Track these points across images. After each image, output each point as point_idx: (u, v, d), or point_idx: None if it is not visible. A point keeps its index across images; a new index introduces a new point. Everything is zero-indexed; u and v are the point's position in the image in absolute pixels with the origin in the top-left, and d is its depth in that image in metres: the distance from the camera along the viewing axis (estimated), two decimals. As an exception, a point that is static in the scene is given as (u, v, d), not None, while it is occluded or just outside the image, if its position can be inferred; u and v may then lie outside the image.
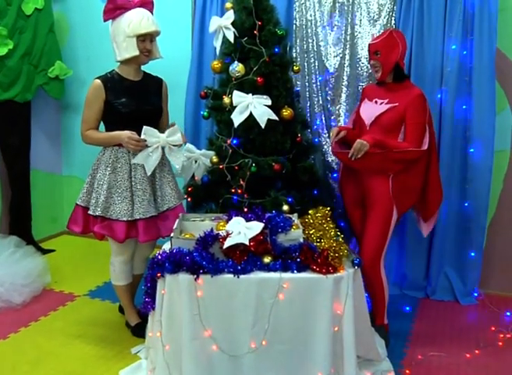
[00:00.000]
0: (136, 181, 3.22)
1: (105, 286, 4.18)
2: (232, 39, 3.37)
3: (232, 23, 3.38)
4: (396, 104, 3.18)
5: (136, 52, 3.18)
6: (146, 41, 3.21)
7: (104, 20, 3.27)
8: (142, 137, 3.13)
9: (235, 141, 3.37)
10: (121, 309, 3.69)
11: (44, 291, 4.12)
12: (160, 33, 3.31)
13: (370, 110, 3.30)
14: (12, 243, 4.17)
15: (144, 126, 3.15)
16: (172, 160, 3.29)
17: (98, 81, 3.22)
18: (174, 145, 3.24)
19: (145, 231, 3.23)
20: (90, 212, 3.25)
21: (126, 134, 3.14)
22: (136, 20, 3.16)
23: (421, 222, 3.51)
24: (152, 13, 3.31)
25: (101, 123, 3.33)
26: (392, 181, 3.18)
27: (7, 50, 4.37)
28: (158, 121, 3.41)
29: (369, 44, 3.28)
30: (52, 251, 5.02)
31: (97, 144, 3.29)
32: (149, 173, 3.21)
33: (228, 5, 3.48)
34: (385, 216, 3.20)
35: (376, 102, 3.29)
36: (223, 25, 3.39)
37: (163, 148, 3.22)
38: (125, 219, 3.19)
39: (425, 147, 3.15)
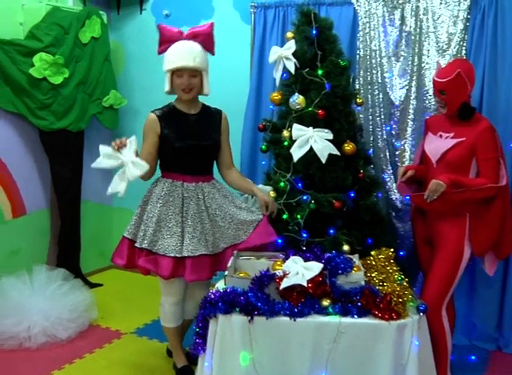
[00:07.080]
0: (188, 217, 3.23)
1: (154, 324, 4.21)
2: (292, 70, 3.43)
3: (293, 54, 3.43)
4: (463, 139, 3.11)
5: (167, 88, 3.27)
6: (184, 76, 3.21)
7: (159, 53, 3.33)
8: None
9: (294, 177, 3.39)
10: (169, 352, 3.70)
11: (90, 327, 4.17)
12: (204, 69, 3.26)
13: (435, 146, 3.24)
14: (60, 276, 4.23)
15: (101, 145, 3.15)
16: (115, 182, 3.25)
17: (153, 114, 3.28)
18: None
19: (193, 270, 3.18)
20: (136, 245, 3.28)
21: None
22: (170, 55, 3.22)
23: (485, 261, 3.34)
24: (206, 45, 3.30)
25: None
26: (469, 221, 3.13)
27: (62, 79, 4.52)
28: (215, 156, 3.42)
29: (434, 80, 3.20)
30: (100, 285, 5.10)
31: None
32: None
33: (289, 34, 3.54)
34: (455, 259, 3.15)
35: (441, 136, 3.24)
36: (283, 55, 3.45)
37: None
38: (172, 255, 3.18)
39: (504, 182, 3.09)
